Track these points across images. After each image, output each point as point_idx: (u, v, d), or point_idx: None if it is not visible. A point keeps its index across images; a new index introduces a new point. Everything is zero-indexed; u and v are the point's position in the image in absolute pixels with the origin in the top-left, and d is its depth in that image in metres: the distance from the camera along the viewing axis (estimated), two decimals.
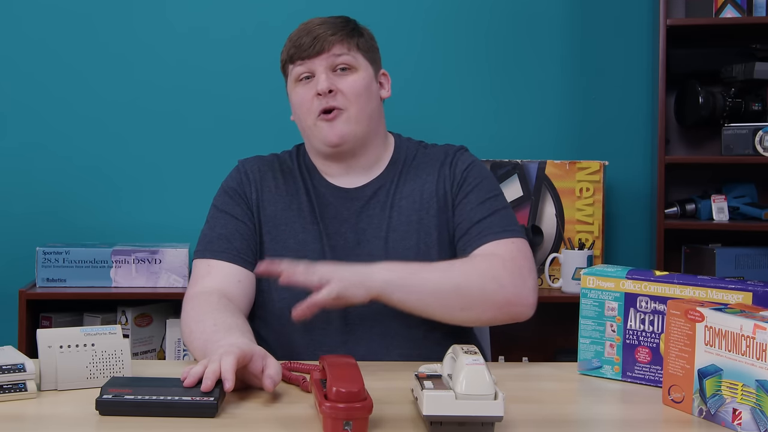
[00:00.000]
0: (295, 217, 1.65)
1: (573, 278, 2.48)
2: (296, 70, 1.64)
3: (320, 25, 1.63)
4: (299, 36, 1.64)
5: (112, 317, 2.47)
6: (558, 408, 1.28)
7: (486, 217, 1.60)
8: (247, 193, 1.67)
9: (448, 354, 1.19)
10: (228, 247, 1.62)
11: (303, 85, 1.63)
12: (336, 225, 1.64)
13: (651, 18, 2.72)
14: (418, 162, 1.70)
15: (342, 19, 1.67)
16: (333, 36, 1.62)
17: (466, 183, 1.65)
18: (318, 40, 1.61)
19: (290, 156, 1.73)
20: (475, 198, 1.63)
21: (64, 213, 2.68)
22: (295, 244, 1.63)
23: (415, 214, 1.64)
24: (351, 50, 1.63)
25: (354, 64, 1.63)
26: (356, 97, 1.62)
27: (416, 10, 2.70)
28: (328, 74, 1.61)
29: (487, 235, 1.58)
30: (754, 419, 1.11)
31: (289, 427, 1.14)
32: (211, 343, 1.36)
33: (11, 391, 1.23)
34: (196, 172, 2.69)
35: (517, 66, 2.76)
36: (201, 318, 1.46)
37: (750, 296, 1.29)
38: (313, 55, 1.61)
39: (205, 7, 2.70)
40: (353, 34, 1.65)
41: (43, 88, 2.68)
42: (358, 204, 1.65)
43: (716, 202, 2.59)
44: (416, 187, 1.66)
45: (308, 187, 1.67)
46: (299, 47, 1.62)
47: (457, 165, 1.67)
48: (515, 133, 2.75)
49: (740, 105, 2.58)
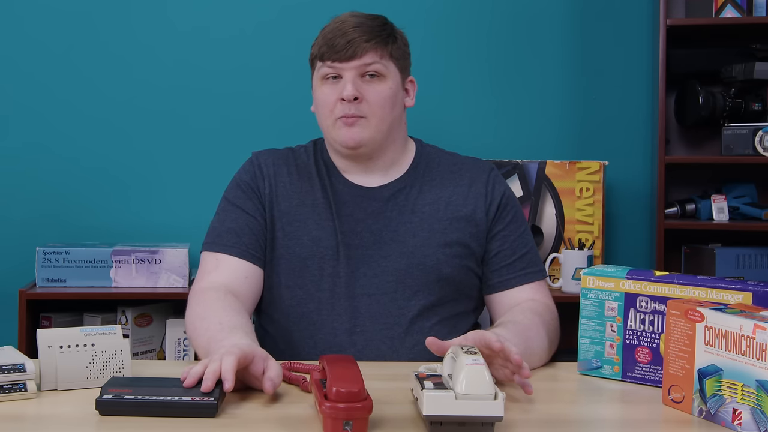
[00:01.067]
0: (310, 213, 1.64)
1: (573, 278, 2.48)
2: (324, 69, 1.61)
3: (356, 28, 1.60)
4: (333, 35, 1.60)
5: (112, 317, 2.47)
6: (558, 408, 1.28)
7: (527, 253, 1.68)
8: (260, 188, 1.66)
9: (448, 354, 1.20)
10: (237, 242, 1.61)
11: (329, 85, 1.61)
12: (352, 223, 1.63)
13: (651, 18, 2.72)
14: (442, 170, 1.70)
15: (379, 21, 1.64)
16: (367, 43, 1.59)
17: (505, 210, 1.68)
18: (351, 45, 1.58)
19: (306, 151, 1.72)
20: (515, 228, 1.68)
21: (64, 213, 2.68)
22: (309, 241, 1.62)
23: (437, 223, 1.64)
24: (383, 58, 1.61)
25: (383, 72, 1.61)
26: (380, 106, 1.61)
27: (417, 11, 2.70)
28: (356, 80, 1.59)
29: (528, 274, 1.67)
30: (754, 419, 1.11)
31: (289, 427, 1.14)
32: (215, 342, 1.36)
33: (11, 391, 1.23)
34: (196, 171, 2.69)
35: (517, 66, 2.75)
36: (206, 315, 1.46)
37: (750, 296, 1.29)
38: (344, 59, 1.59)
39: (206, 6, 2.70)
40: (387, 41, 1.62)
41: (44, 88, 2.68)
42: (375, 204, 1.65)
43: (716, 202, 2.59)
44: (442, 196, 1.66)
45: (325, 183, 1.66)
46: (331, 47, 1.59)
47: (495, 187, 1.69)
48: (515, 133, 2.75)
49: (740, 105, 2.57)
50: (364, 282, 1.60)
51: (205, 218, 1.71)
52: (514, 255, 1.66)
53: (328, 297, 1.60)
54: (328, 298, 1.60)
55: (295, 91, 2.70)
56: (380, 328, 1.59)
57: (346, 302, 1.60)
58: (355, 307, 1.60)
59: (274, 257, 1.63)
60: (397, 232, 1.63)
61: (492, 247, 1.66)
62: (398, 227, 1.63)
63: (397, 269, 1.61)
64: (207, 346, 1.39)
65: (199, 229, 1.67)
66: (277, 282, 1.63)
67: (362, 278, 1.60)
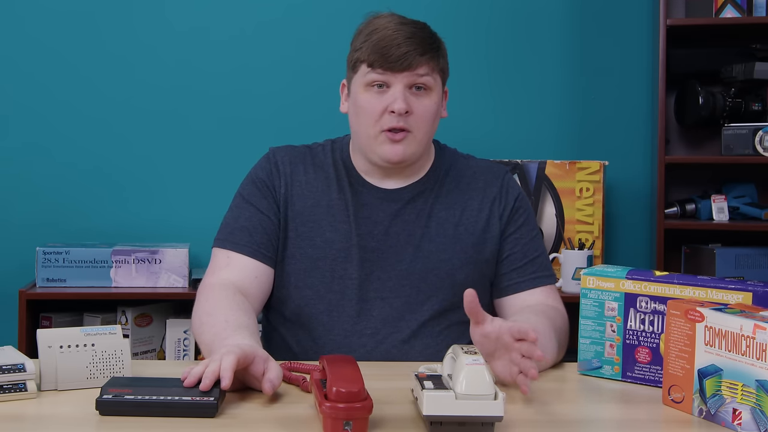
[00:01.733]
0: (324, 214, 1.63)
1: (573, 278, 2.48)
2: (371, 76, 1.57)
3: (410, 39, 1.57)
4: (387, 44, 1.56)
5: (112, 317, 2.47)
6: (558, 408, 1.28)
7: (538, 257, 1.67)
8: (276, 186, 1.64)
9: (448, 354, 1.20)
10: (249, 241, 1.60)
11: (375, 93, 1.57)
12: (369, 226, 1.62)
13: (651, 18, 2.72)
14: (459, 173, 1.69)
15: (428, 33, 1.62)
16: (422, 56, 1.56)
17: (518, 214, 1.68)
18: (407, 58, 1.55)
19: (323, 150, 1.69)
20: (527, 232, 1.68)
21: (64, 213, 2.68)
22: (321, 242, 1.62)
23: (452, 228, 1.63)
24: (433, 71, 1.59)
25: (431, 86, 1.59)
26: (425, 121, 1.59)
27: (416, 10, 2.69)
28: (405, 93, 1.56)
29: (539, 278, 1.66)
30: (754, 419, 1.11)
31: (289, 427, 1.14)
32: (219, 339, 1.36)
33: (11, 391, 1.23)
34: (197, 171, 2.69)
35: (516, 66, 2.75)
36: (213, 312, 1.46)
37: (750, 296, 1.29)
38: (398, 70, 1.55)
39: (205, 7, 2.70)
40: (438, 54, 1.61)
41: (44, 88, 2.68)
42: (394, 206, 1.63)
43: (716, 202, 2.59)
44: (458, 200, 1.66)
45: (343, 184, 1.65)
46: (385, 57, 1.55)
47: (509, 191, 1.69)
48: (515, 133, 2.75)
49: (740, 105, 2.58)
50: (378, 285, 1.60)
51: (205, 218, 1.71)
52: (524, 258, 1.65)
53: (338, 299, 1.60)
54: (338, 300, 1.60)
55: (295, 92, 2.70)
56: (391, 331, 1.59)
57: (358, 305, 1.59)
58: (366, 309, 1.59)
59: (285, 256, 1.63)
60: (413, 236, 1.62)
61: (503, 249, 1.66)
62: (415, 231, 1.62)
63: (411, 273, 1.61)
64: (211, 343, 1.39)
65: (199, 229, 1.67)
66: (288, 282, 1.62)
67: (376, 281, 1.60)
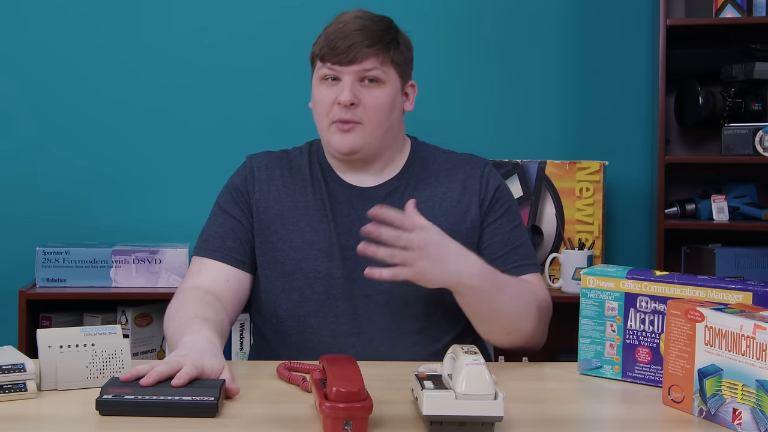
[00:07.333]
0: (302, 215, 1.64)
1: (573, 278, 2.48)
2: (323, 70, 1.60)
3: (359, 31, 1.57)
4: (336, 37, 1.58)
5: (112, 317, 2.47)
6: (558, 408, 1.28)
7: (519, 246, 1.66)
8: (250, 192, 1.66)
9: (448, 354, 1.20)
10: (220, 246, 1.63)
11: (327, 86, 1.60)
12: (348, 224, 1.63)
13: (651, 18, 2.72)
14: (437, 167, 1.69)
15: (383, 25, 1.62)
16: (369, 48, 1.57)
17: (498, 204, 1.67)
18: (352, 50, 1.56)
19: (300, 153, 1.71)
20: (507, 222, 1.67)
21: (64, 213, 2.68)
22: (302, 244, 1.63)
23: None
24: (384, 64, 1.59)
25: (383, 78, 1.59)
26: (377, 112, 1.59)
27: (416, 10, 2.70)
28: (354, 85, 1.58)
29: (522, 266, 1.64)
30: (754, 419, 1.11)
31: (289, 427, 1.14)
32: (186, 327, 1.39)
33: (11, 391, 1.23)
34: (197, 171, 2.69)
35: (517, 66, 2.75)
36: (183, 306, 1.50)
37: (750, 296, 1.29)
38: (345, 62, 1.57)
39: (205, 7, 2.70)
40: (390, 46, 1.60)
41: (44, 88, 2.68)
42: (371, 204, 1.62)
43: (716, 202, 2.59)
44: (436, 194, 1.66)
45: (319, 185, 1.66)
46: (332, 50, 1.57)
47: (489, 182, 1.68)
48: (515, 133, 2.75)
49: (740, 105, 2.57)
50: (362, 283, 1.60)
51: (206, 218, 1.71)
52: (505, 247, 1.64)
53: (324, 299, 1.60)
54: (324, 300, 1.60)
55: (294, 92, 2.69)
56: (379, 328, 1.59)
57: (344, 304, 1.60)
58: (353, 308, 1.60)
59: (269, 261, 1.64)
60: None
61: (483, 239, 1.65)
62: None
63: None
64: (177, 330, 1.42)
65: (199, 229, 1.67)
66: (274, 285, 1.63)
67: (360, 279, 1.60)
